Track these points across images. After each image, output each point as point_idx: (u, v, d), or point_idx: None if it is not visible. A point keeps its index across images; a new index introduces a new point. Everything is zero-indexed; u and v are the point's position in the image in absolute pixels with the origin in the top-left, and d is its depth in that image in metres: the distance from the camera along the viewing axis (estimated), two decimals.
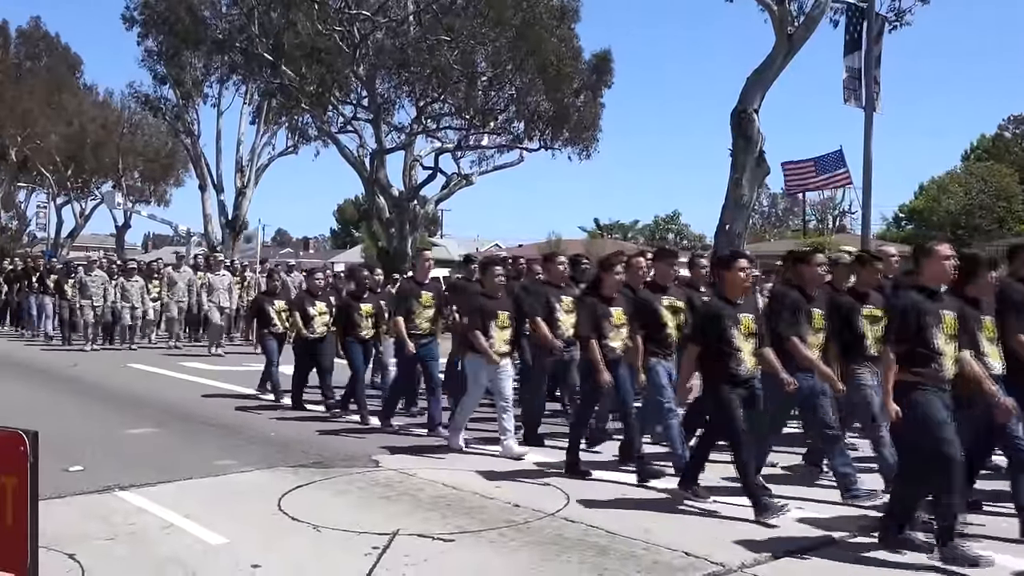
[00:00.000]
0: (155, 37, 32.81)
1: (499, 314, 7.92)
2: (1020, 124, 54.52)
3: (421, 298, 8.99)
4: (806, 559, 5.15)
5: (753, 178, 18.34)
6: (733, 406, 5.90)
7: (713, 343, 6.01)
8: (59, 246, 46.69)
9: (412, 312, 8.93)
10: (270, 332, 11.31)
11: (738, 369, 5.96)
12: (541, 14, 27.01)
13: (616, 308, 7.07)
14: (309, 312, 10.47)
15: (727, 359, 5.97)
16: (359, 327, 9.91)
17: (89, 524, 5.72)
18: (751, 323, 6.09)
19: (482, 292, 8.19)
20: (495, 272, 8.13)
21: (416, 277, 9.39)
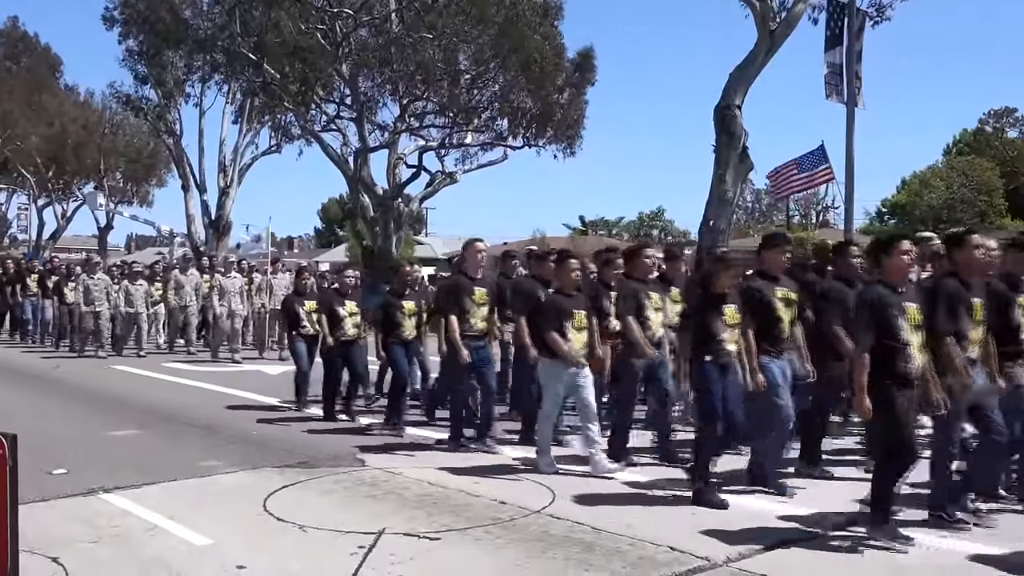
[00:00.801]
0: (136, 37, 32.61)
1: (576, 313, 7.14)
2: (1001, 118, 54.90)
3: (474, 295, 8.03)
4: (791, 553, 5.18)
5: (736, 174, 18.41)
6: (906, 414, 5.21)
7: (879, 338, 5.22)
8: (40, 248, 46.33)
9: (466, 311, 8.00)
10: (300, 335, 10.61)
11: (908, 367, 5.23)
12: (524, 11, 27.01)
13: (729, 306, 6.39)
14: (338, 313, 9.82)
15: (895, 356, 5.22)
16: (402, 327, 9.15)
17: (73, 527, 5.68)
18: (917, 313, 5.33)
19: (556, 289, 7.42)
20: (571, 266, 7.35)
21: (467, 271, 8.29)
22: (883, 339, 5.19)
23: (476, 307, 8.01)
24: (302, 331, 10.56)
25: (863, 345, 5.23)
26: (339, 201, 65.36)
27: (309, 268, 14.67)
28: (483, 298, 8.07)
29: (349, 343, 9.80)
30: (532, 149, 31.78)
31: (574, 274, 7.29)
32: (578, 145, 32.00)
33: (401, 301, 9.22)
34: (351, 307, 9.89)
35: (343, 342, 9.75)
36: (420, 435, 8.82)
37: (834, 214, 54.32)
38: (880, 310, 5.22)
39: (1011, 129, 54.95)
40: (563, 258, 7.54)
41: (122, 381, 13.24)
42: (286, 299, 11.31)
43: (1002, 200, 45.97)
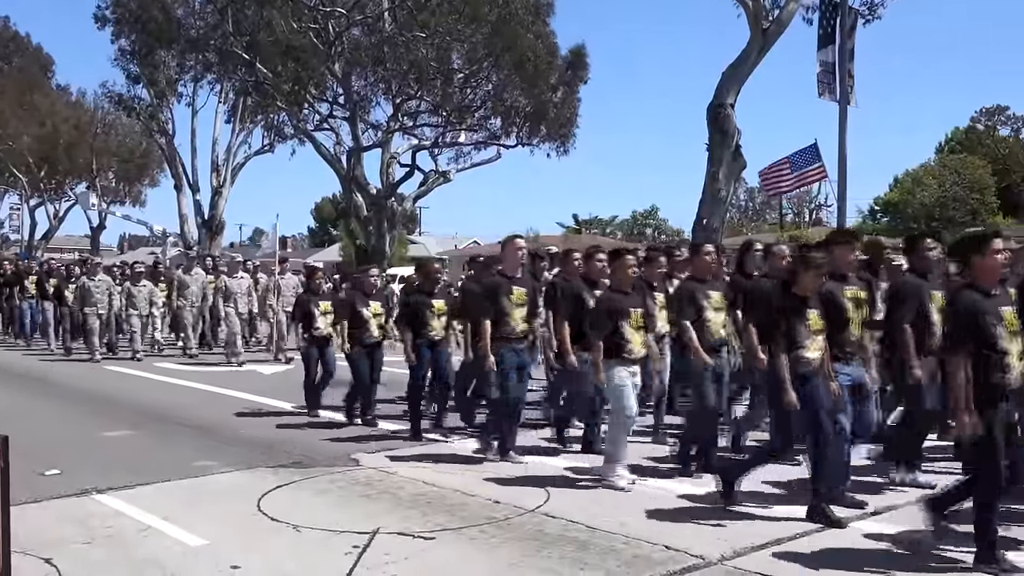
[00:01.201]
0: (128, 36, 32.57)
1: (633, 312, 6.64)
2: (992, 117, 55.08)
3: (513, 295, 7.44)
4: (786, 551, 5.18)
5: (729, 172, 18.47)
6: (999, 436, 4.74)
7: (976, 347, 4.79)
8: (33, 248, 46.22)
9: (504, 313, 7.42)
10: (312, 337, 10.07)
11: (1005, 378, 4.77)
12: (517, 10, 27.01)
13: (813, 310, 5.76)
14: (363, 314, 9.27)
15: (992, 366, 4.77)
16: (430, 327, 8.64)
17: (66, 528, 5.67)
18: (1014, 318, 4.90)
19: (611, 287, 6.94)
20: (628, 262, 6.83)
21: (505, 269, 7.69)
22: (980, 348, 4.77)
23: (515, 308, 7.45)
24: (315, 333, 10.05)
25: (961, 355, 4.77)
26: (332, 200, 65.30)
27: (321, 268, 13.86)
28: (522, 298, 7.50)
29: (375, 345, 9.35)
30: (525, 148, 31.85)
31: (631, 270, 6.82)
32: (571, 144, 32.08)
33: (431, 300, 8.74)
34: (376, 307, 9.43)
35: (368, 344, 9.27)
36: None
37: (827, 212, 54.52)
38: (977, 317, 4.80)
39: (1003, 127, 55.18)
40: (619, 254, 7.02)
41: (115, 381, 13.21)
42: (299, 298, 10.79)
43: (994, 198, 46.11)
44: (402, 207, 31.39)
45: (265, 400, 11.14)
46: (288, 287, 15.70)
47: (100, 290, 15.94)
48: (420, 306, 8.67)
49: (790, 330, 5.67)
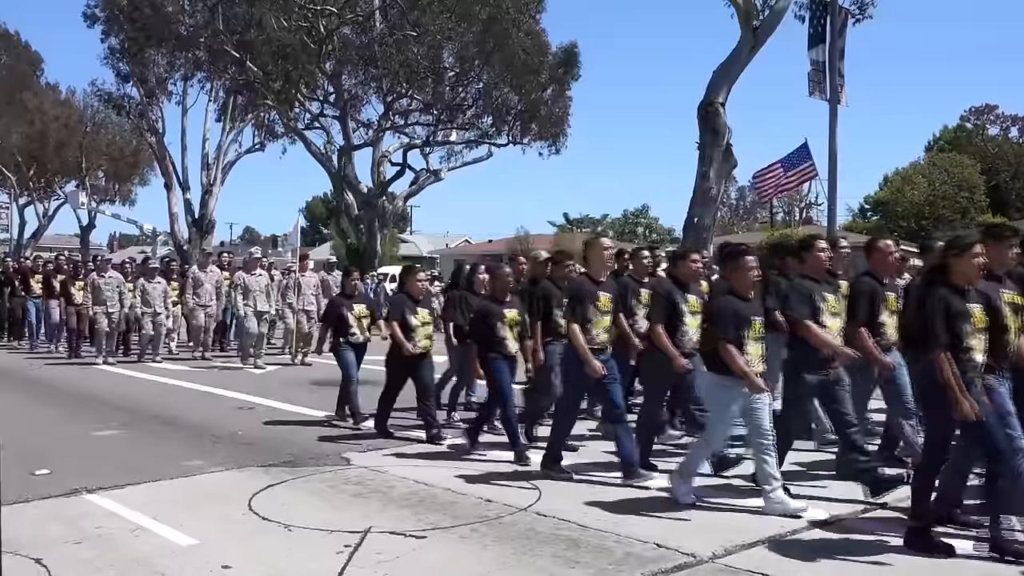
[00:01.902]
0: (118, 34, 32.42)
1: (754, 321, 5.98)
2: (981, 116, 55.30)
3: (599, 301, 6.80)
4: (777, 549, 5.20)
5: (721, 171, 18.48)
6: None
7: None
8: (22, 247, 46.00)
9: (589, 320, 6.80)
10: (348, 342, 9.49)
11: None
12: (507, 8, 27.01)
13: (975, 305, 5.06)
14: (410, 322, 8.44)
15: None
16: (505, 340, 7.67)
17: (56, 528, 5.65)
18: None
19: (729, 292, 6.16)
20: (748, 265, 6.11)
21: (591, 273, 7.05)
22: None
23: (600, 315, 6.83)
24: (351, 338, 9.47)
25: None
26: (324, 199, 65.21)
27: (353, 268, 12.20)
28: (608, 305, 6.87)
29: (419, 356, 8.49)
30: (517, 147, 31.85)
31: (752, 274, 6.14)
32: (563, 142, 32.10)
33: (502, 309, 7.74)
34: (424, 315, 8.57)
35: (412, 355, 8.43)
36: (412, 436, 8.80)
37: (817, 211, 54.65)
38: None
39: (992, 126, 55.42)
40: (739, 254, 6.24)
41: (106, 381, 13.15)
42: (332, 301, 10.11)
43: (983, 196, 46.31)
44: (393, 206, 31.38)
45: (256, 399, 11.12)
46: (308, 285, 15.32)
47: (110, 288, 15.20)
48: (491, 316, 7.70)
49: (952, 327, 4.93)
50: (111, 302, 15.11)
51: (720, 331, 5.89)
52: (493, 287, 7.96)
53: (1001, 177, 49.29)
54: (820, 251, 6.47)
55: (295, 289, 15.17)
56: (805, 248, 6.59)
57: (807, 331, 6.10)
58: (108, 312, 15.08)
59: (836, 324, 6.27)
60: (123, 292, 15.31)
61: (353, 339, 9.48)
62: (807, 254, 6.53)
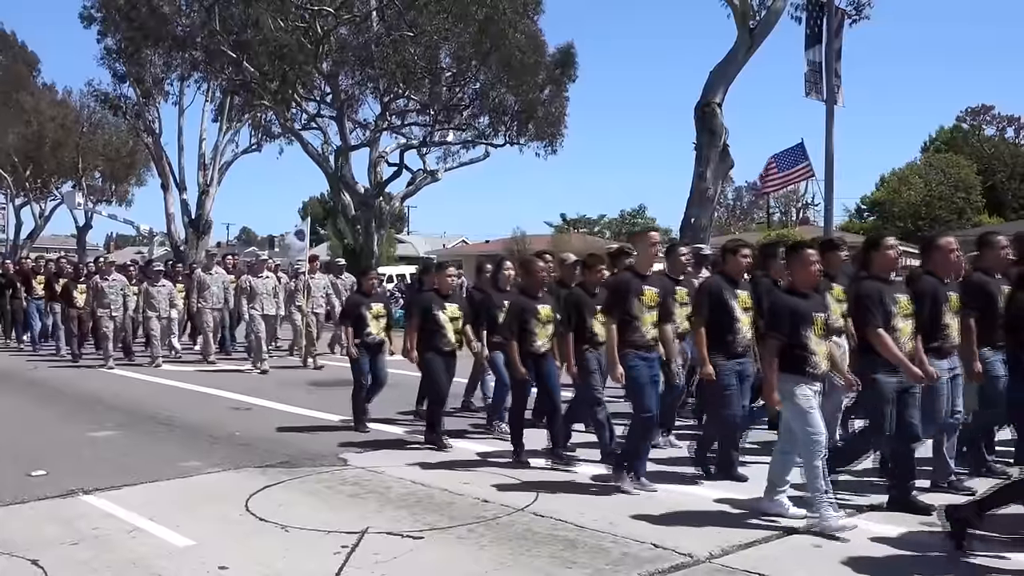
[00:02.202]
0: (114, 35, 32.37)
1: (817, 318, 5.59)
2: (977, 116, 55.39)
3: (644, 296, 6.46)
4: (773, 548, 5.20)
5: (717, 171, 18.50)
6: None
7: None
8: (18, 248, 45.92)
9: (635, 317, 6.46)
10: (364, 343, 9.17)
11: None
12: (504, 8, 26.99)
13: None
14: (438, 318, 8.14)
15: None
16: (535, 337, 7.39)
17: (52, 529, 5.64)
18: None
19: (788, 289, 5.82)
20: (809, 258, 5.70)
21: (637, 267, 6.70)
22: None
23: (647, 312, 6.48)
24: (367, 339, 9.16)
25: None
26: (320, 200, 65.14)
27: None
28: (655, 300, 6.52)
29: (450, 354, 8.25)
30: (514, 147, 31.82)
31: (814, 268, 5.72)
32: (559, 143, 32.05)
33: (536, 305, 7.46)
34: (453, 310, 8.24)
35: (444, 352, 8.17)
36: (404, 434, 8.79)
37: (814, 211, 54.72)
38: None
39: (988, 127, 55.50)
40: (800, 247, 5.88)
41: (102, 382, 13.13)
42: (349, 300, 9.84)
43: (979, 197, 46.40)
44: (390, 206, 31.35)
45: (253, 400, 11.12)
46: (318, 287, 15.07)
47: (114, 290, 14.87)
48: (525, 312, 7.40)
49: None
50: (114, 305, 14.79)
51: (774, 328, 5.54)
52: (527, 281, 7.67)
53: (997, 177, 49.40)
54: (888, 248, 5.96)
55: (304, 291, 14.84)
56: (872, 246, 6.03)
57: (879, 340, 5.65)
58: (112, 315, 14.76)
59: (908, 327, 5.87)
60: (127, 295, 15.02)
61: (369, 339, 9.18)
62: (875, 252, 5.98)
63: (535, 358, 7.41)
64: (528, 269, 7.75)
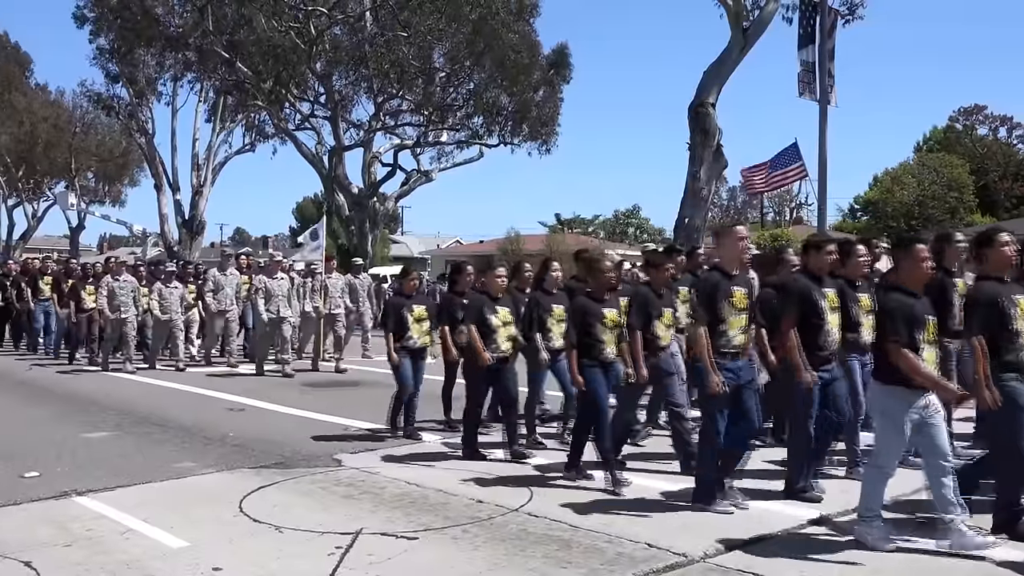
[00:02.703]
0: (107, 35, 32.31)
1: (929, 322, 5.18)
2: (970, 116, 55.54)
3: (733, 298, 5.88)
4: (767, 548, 5.21)
5: (711, 171, 18.55)
6: None
7: None
8: (11, 248, 45.80)
9: (722, 320, 5.89)
10: (404, 347, 8.59)
11: None
12: (498, 9, 27.02)
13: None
14: (490, 322, 7.53)
15: None
16: (603, 343, 6.69)
17: (46, 531, 5.62)
18: None
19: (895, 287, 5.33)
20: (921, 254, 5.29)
21: (722, 266, 6.06)
22: None
23: (736, 315, 5.88)
24: (408, 343, 8.58)
25: None
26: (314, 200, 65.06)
27: None
28: (744, 302, 5.94)
29: (502, 361, 7.56)
30: (507, 147, 31.86)
31: (925, 265, 5.29)
32: (553, 143, 32.09)
33: (603, 308, 6.75)
34: (505, 314, 7.62)
35: (496, 359, 7.49)
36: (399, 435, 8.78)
37: (807, 211, 54.86)
38: None
39: (981, 126, 55.63)
40: (911, 242, 5.42)
41: (96, 383, 13.10)
42: (389, 302, 9.20)
43: (972, 196, 46.51)
44: (384, 207, 31.35)
45: (247, 401, 11.10)
46: (335, 287, 14.60)
47: (125, 292, 14.26)
48: (589, 316, 6.70)
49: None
50: (124, 307, 14.20)
51: (891, 333, 5.11)
52: (595, 282, 6.94)
53: (990, 177, 49.53)
54: (1004, 245, 5.42)
55: (321, 292, 14.32)
56: (985, 243, 5.50)
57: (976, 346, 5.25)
58: (122, 317, 14.18)
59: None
60: (137, 296, 14.49)
61: (411, 343, 8.58)
62: (988, 249, 5.47)
63: (604, 367, 6.68)
64: (594, 268, 6.98)
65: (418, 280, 9.24)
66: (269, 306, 13.70)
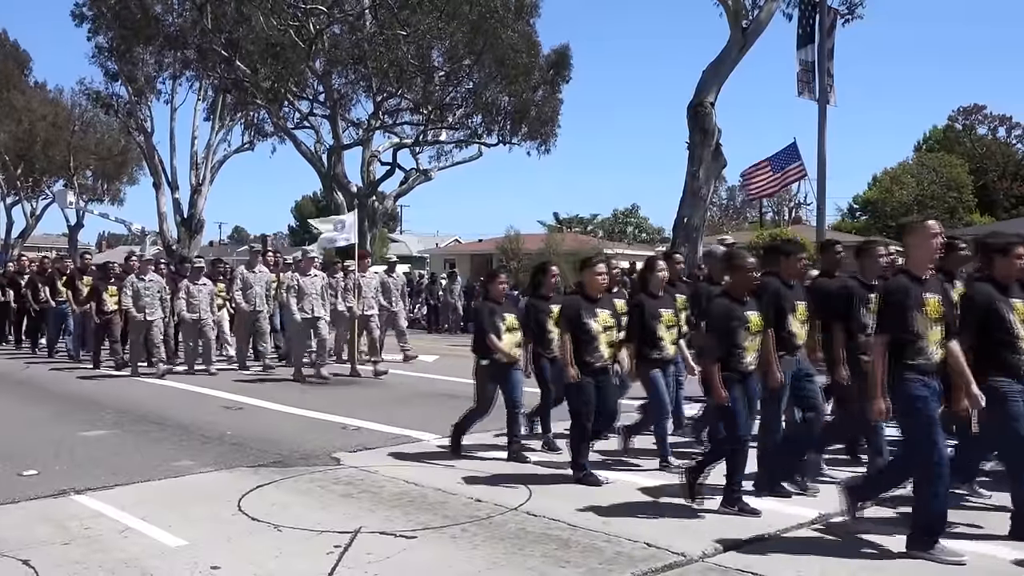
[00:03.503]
0: (106, 33, 32.26)
1: None
2: (970, 116, 55.58)
3: (927, 307, 5.04)
4: (767, 548, 5.21)
5: (710, 171, 18.56)
6: None
7: None
8: (9, 247, 45.76)
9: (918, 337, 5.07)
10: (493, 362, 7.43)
11: None
12: (497, 8, 26.99)
13: None
14: (591, 327, 6.67)
15: None
16: (744, 353, 5.88)
17: (44, 529, 5.61)
18: None
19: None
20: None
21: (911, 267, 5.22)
22: None
23: (931, 325, 5.03)
24: (495, 357, 7.40)
25: None
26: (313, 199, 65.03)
27: None
28: (938, 311, 5.06)
29: (602, 370, 6.81)
30: (506, 146, 31.82)
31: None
32: (552, 142, 32.04)
33: (746, 312, 5.91)
34: (605, 318, 6.69)
35: (596, 368, 6.73)
36: (399, 435, 8.77)
37: (806, 211, 54.86)
38: None
39: (980, 126, 55.69)
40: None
41: (92, 381, 13.09)
42: (485, 310, 7.62)
43: (971, 196, 46.57)
44: (383, 206, 31.32)
45: (246, 399, 11.10)
46: (369, 287, 13.84)
47: (151, 292, 13.45)
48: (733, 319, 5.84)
49: None
50: (150, 308, 13.38)
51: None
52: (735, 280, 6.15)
53: (989, 177, 49.61)
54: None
55: (355, 290, 13.53)
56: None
57: None
58: (148, 319, 13.39)
59: None
60: (164, 296, 13.73)
61: (496, 358, 7.38)
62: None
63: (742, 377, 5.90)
64: (736, 265, 6.04)
65: (506, 284, 7.88)
66: (303, 305, 12.87)
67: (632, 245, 51.52)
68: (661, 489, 6.44)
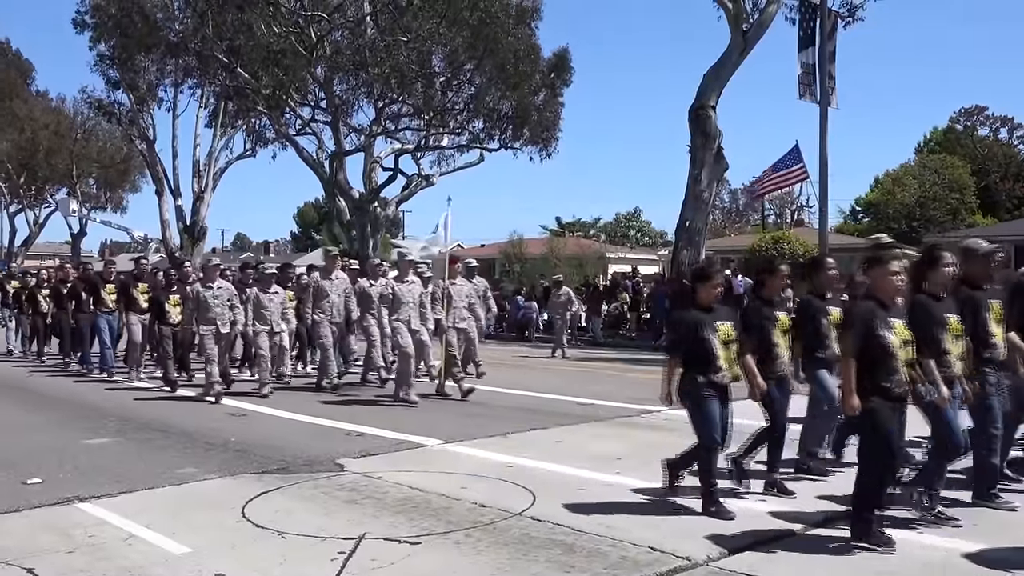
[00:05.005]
0: (107, 41, 32.37)
1: None
2: (971, 117, 55.58)
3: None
4: (771, 551, 5.19)
5: (712, 174, 18.57)
6: None
7: None
8: (12, 255, 45.87)
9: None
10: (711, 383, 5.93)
11: None
12: (497, 13, 27.05)
13: None
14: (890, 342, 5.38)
15: None
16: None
17: (48, 537, 5.60)
18: None
19: None
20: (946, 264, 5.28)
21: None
22: None
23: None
24: (713, 377, 5.92)
25: None
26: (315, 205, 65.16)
27: None
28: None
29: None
30: (508, 151, 31.87)
31: None
32: (554, 147, 32.09)
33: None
34: (901, 329, 5.19)
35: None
36: (401, 438, 8.76)
37: (809, 213, 54.81)
38: None
39: (982, 127, 55.68)
40: None
41: (95, 389, 13.09)
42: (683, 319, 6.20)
43: (973, 197, 46.55)
44: (385, 211, 31.36)
45: (249, 406, 11.09)
46: (460, 296, 12.07)
47: (220, 301, 11.84)
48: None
49: None
50: (221, 320, 11.79)
51: None
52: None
53: (991, 178, 49.59)
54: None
55: (444, 301, 11.98)
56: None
57: None
58: (218, 332, 11.79)
59: None
60: (235, 306, 12.04)
61: (718, 376, 5.92)
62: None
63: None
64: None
65: (719, 288, 6.22)
66: (399, 315, 11.27)
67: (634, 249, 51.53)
68: (665, 492, 6.43)
